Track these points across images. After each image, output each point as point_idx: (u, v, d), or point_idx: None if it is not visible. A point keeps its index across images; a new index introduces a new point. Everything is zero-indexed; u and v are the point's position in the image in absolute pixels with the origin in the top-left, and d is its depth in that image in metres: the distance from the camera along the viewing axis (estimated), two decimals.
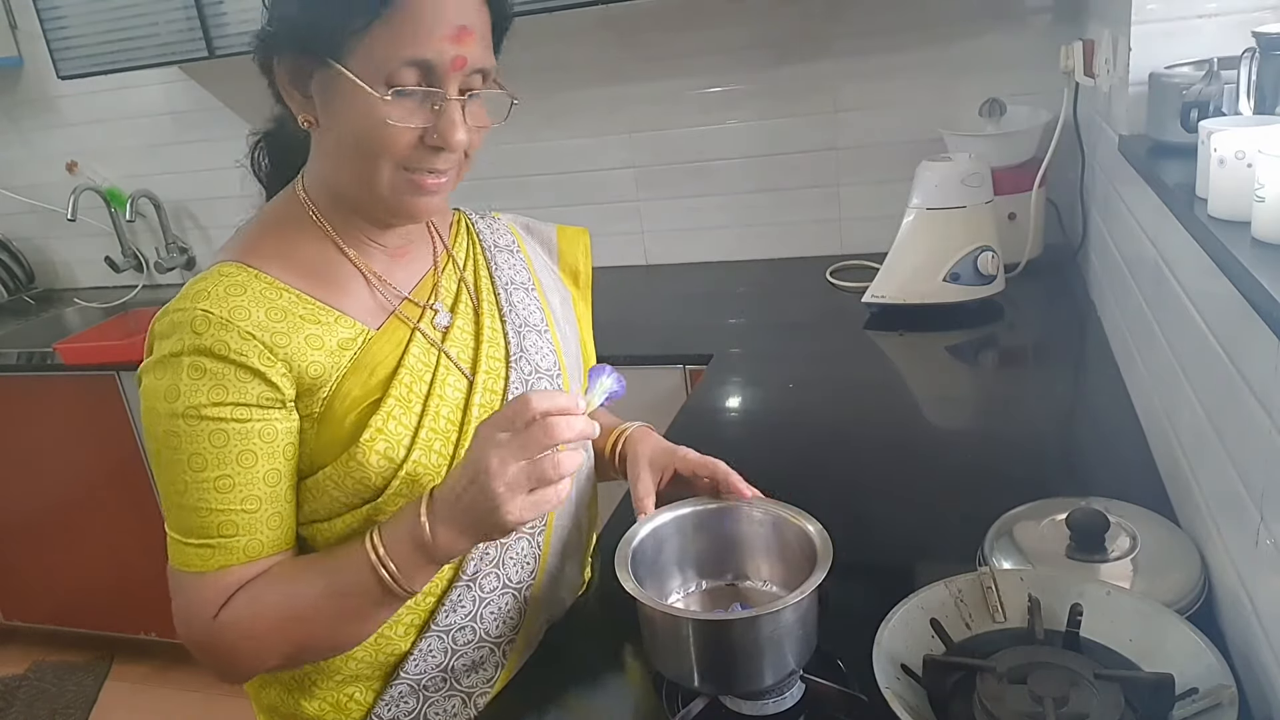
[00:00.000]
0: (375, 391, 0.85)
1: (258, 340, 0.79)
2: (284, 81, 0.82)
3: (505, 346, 0.95)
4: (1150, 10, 1.23)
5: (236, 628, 0.80)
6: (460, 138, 0.81)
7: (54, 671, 2.69)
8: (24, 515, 2.57)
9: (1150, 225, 1.24)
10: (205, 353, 0.78)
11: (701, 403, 1.63)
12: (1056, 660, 0.78)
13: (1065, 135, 1.79)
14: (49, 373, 2.36)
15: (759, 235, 2.36)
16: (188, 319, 0.79)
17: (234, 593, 0.80)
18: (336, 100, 0.80)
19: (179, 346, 0.78)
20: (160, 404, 0.78)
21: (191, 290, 0.81)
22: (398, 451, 0.85)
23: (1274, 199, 0.74)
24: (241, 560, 0.80)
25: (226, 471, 0.79)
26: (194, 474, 0.78)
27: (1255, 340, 0.77)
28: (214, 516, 0.79)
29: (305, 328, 0.83)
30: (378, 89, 0.77)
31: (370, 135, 0.79)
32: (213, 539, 0.79)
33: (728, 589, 0.99)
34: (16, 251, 3.00)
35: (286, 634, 0.81)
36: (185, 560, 0.80)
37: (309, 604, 0.81)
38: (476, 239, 1.03)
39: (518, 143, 2.44)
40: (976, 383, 1.68)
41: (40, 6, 2.33)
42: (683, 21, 2.20)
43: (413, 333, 0.89)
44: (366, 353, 0.86)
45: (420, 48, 0.77)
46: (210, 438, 0.78)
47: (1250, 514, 0.80)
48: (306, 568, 0.84)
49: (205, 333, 0.78)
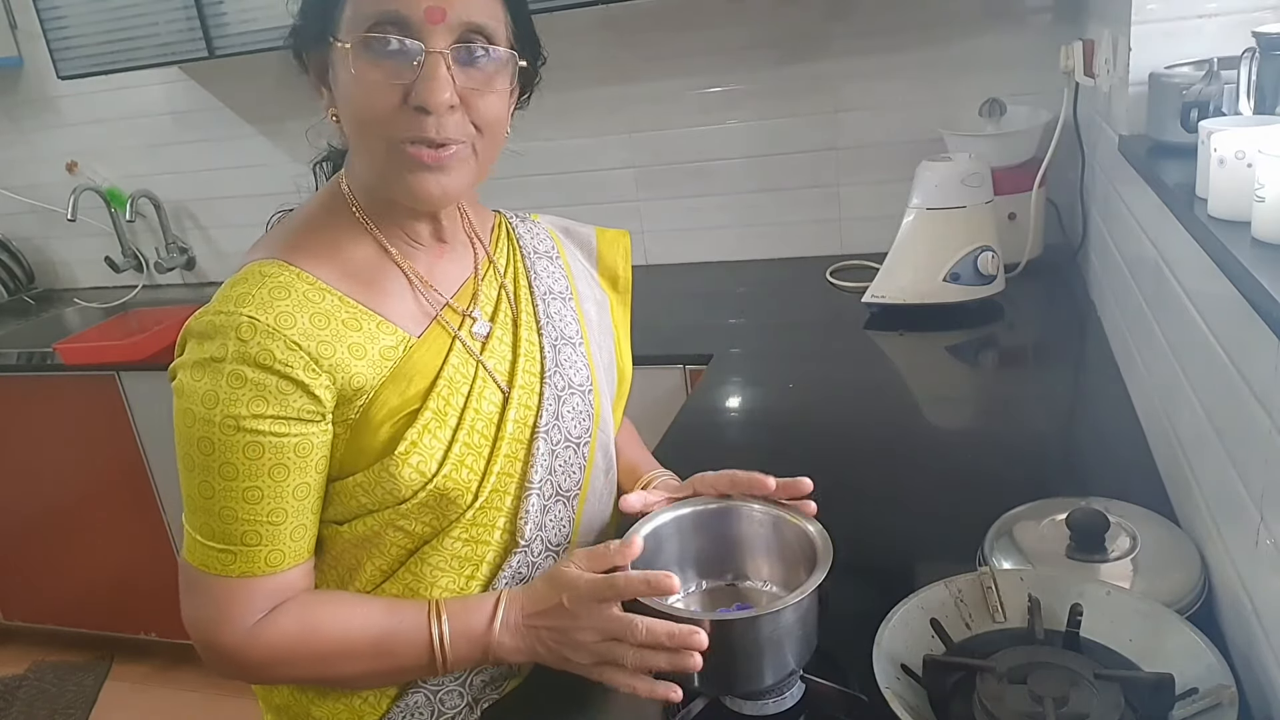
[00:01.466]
0: (413, 402, 0.84)
1: (303, 350, 0.77)
2: (312, 79, 0.82)
3: (541, 361, 0.94)
4: (1150, 10, 1.23)
5: (275, 643, 0.80)
6: (443, 96, 0.76)
7: (54, 671, 2.69)
8: (24, 515, 2.57)
9: (1150, 225, 1.24)
10: (249, 361, 0.76)
11: (701, 403, 1.63)
12: (1056, 660, 0.78)
13: (1065, 135, 1.79)
14: (49, 373, 2.36)
15: (759, 235, 2.36)
16: (232, 324, 0.76)
17: (277, 605, 0.80)
18: (339, 76, 0.79)
19: (222, 352, 0.76)
20: (197, 408, 0.76)
21: (234, 293, 0.79)
22: (430, 465, 0.84)
23: (1274, 199, 0.74)
24: (263, 570, 0.79)
25: (257, 484, 0.77)
26: (224, 481, 0.77)
27: (1255, 340, 0.77)
28: (239, 525, 0.78)
29: (348, 335, 0.81)
30: (358, 46, 0.76)
31: (354, 103, 0.78)
32: (235, 546, 0.78)
33: (728, 589, 0.99)
34: (16, 251, 3.00)
35: (319, 663, 0.82)
36: (204, 561, 0.79)
37: (354, 645, 0.82)
38: (517, 244, 1.01)
39: (518, 143, 2.43)
40: (976, 383, 1.68)
41: (40, 6, 2.33)
42: (683, 21, 2.20)
43: (453, 341, 0.88)
44: (408, 361, 0.84)
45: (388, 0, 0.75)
46: (245, 449, 0.77)
47: (1250, 514, 0.80)
48: (365, 608, 0.84)
49: (251, 340, 0.76)
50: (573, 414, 0.95)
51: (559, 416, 0.94)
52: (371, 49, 0.76)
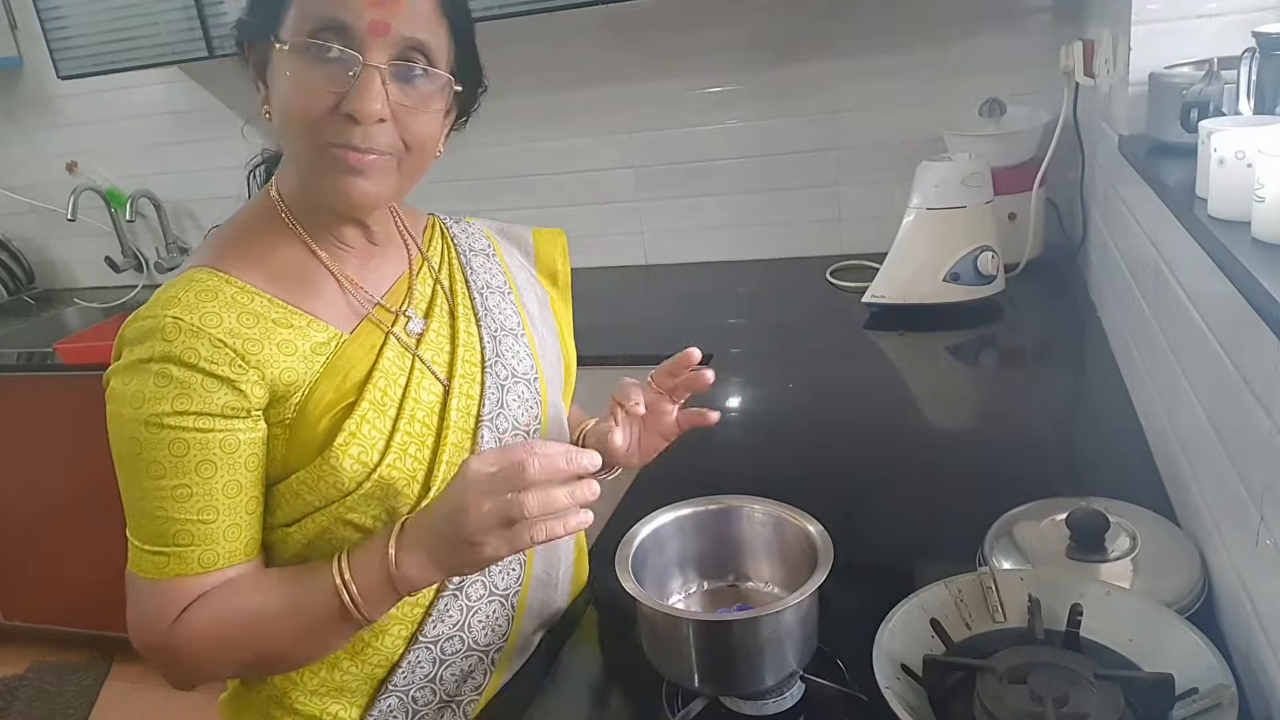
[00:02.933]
0: (349, 395, 0.84)
1: (229, 348, 0.78)
2: (251, 73, 0.83)
3: (481, 351, 0.94)
4: (1150, 10, 1.23)
5: (193, 635, 0.79)
6: (372, 108, 0.76)
7: (54, 671, 2.69)
8: (24, 515, 2.57)
9: (1150, 225, 1.24)
10: (174, 360, 0.76)
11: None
12: (1056, 660, 0.78)
13: (1065, 135, 1.79)
14: (49, 373, 2.36)
15: (759, 235, 2.36)
16: (158, 325, 0.77)
17: (192, 601, 0.79)
18: (275, 74, 0.79)
19: (148, 353, 0.77)
20: (125, 409, 0.77)
21: (162, 296, 0.80)
22: (371, 455, 0.84)
23: (1274, 199, 0.74)
24: (196, 571, 0.79)
25: (184, 481, 0.77)
26: (152, 481, 0.77)
27: (1255, 340, 0.77)
28: (170, 525, 0.78)
29: (278, 333, 0.81)
30: (298, 48, 0.77)
31: (287, 104, 0.78)
32: (168, 547, 0.78)
33: (728, 589, 0.99)
34: (16, 251, 3.00)
35: (244, 645, 0.80)
36: (141, 567, 0.79)
37: (269, 618, 0.79)
38: (451, 243, 1.01)
39: (518, 143, 2.44)
40: (976, 383, 1.68)
41: (40, 6, 2.33)
42: (683, 21, 2.20)
43: (386, 337, 0.88)
44: (340, 356, 0.84)
45: (331, 4, 0.76)
46: (170, 446, 0.77)
47: (1250, 514, 0.80)
48: (271, 581, 0.82)
49: (175, 340, 0.77)
50: (519, 402, 0.95)
51: (504, 405, 0.94)
52: (310, 53, 0.77)
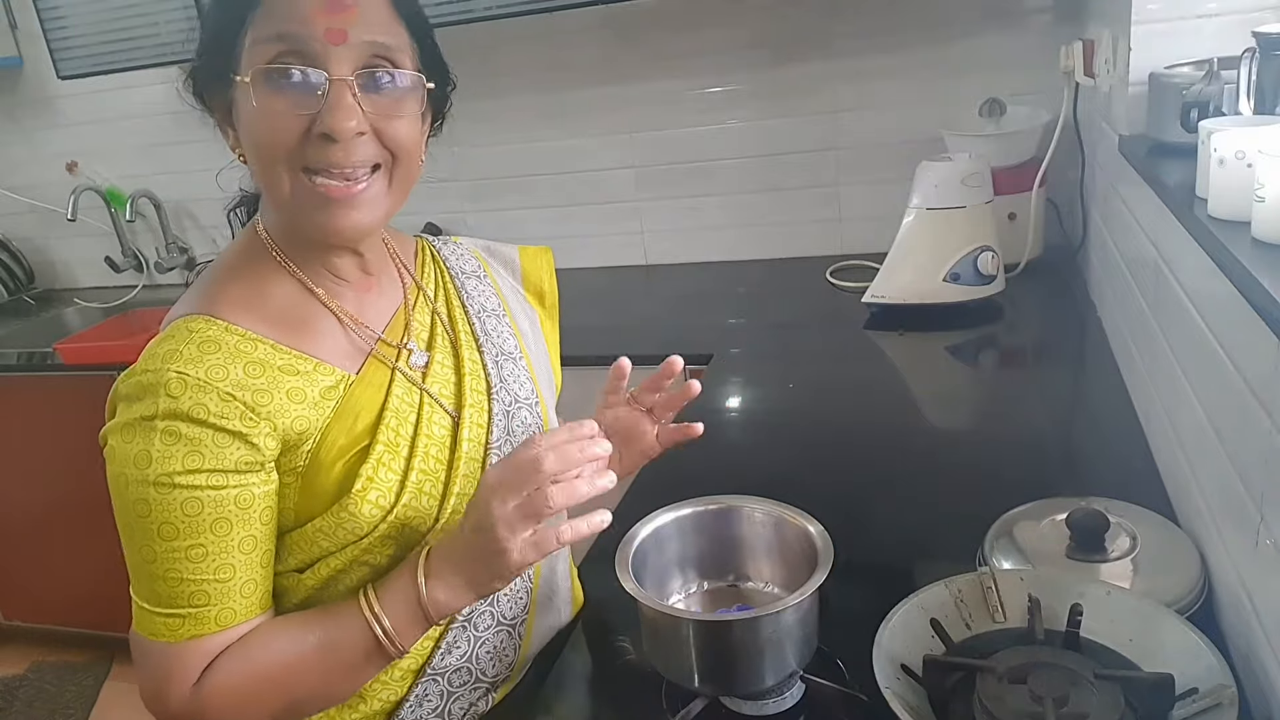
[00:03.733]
0: (362, 438, 0.82)
1: (239, 401, 0.75)
2: (217, 120, 0.80)
3: (486, 379, 0.93)
4: (1150, 10, 1.23)
5: (223, 693, 0.76)
6: (349, 124, 0.74)
7: (54, 671, 2.69)
8: (24, 515, 2.57)
9: (1150, 225, 1.24)
10: (182, 417, 0.73)
11: (701, 403, 1.63)
12: (1056, 660, 0.78)
13: (1065, 135, 1.79)
14: (49, 373, 2.36)
15: (759, 235, 2.36)
16: (160, 381, 0.74)
17: (215, 658, 0.77)
18: (241, 110, 0.76)
19: (151, 410, 0.74)
20: (130, 470, 0.74)
21: (160, 350, 0.76)
22: (388, 499, 0.82)
23: (1274, 199, 0.74)
24: (213, 630, 0.76)
25: (200, 540, 0.75)
26: (165, 543, 0.74)
27: (1255, 340, 0.77)
28: (185, 586, 0.75)
29: (285, 381, 0.79)
30: (260, 75, 0.73)
31: (257, 138, 0.75)
32: (183, 609, 0.75)
33: (729, 590, 0.99)
34: (16, 251, 3.00)
35: (276, 694, 0.78)
36: (153, 629, 0.76)
37: (298, 664, 0.78)
38: (443, 267, 0.99)
39: (518, 143, 2.44)
40: (976, 383, 1.68)
41: (40, 6, 2.33)
42: (683, 21, 2.20)
43: (393, 373, 0.86)
44: (349, 399, 0.82)
45: (283, 21, 0.73)
46: (183, 506, 0.74)
47: (1250, 514, 0.80)
48: (294, 627, 0.80)
49: (182, 396, 0.73)
50: (523, 428, 0.94)
51: (510, 432, 0.93)
52: (272, 80, 0.73)
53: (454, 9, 1.95)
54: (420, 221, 2.53)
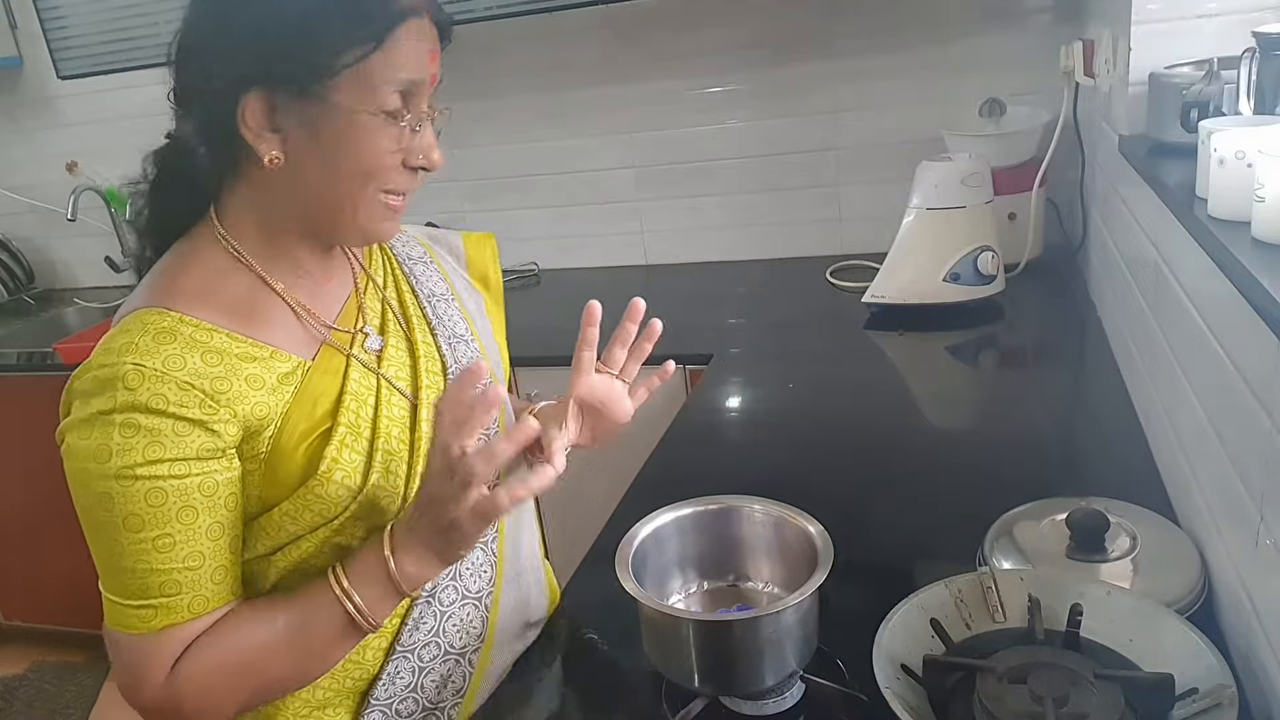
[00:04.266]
0: (323, 422, 0.83)
1: (197, 389, 0.75)
2: (253, 119, 0.76)
3: (441, 360, 0.94)
4: (1150, 10, 1.23)
5: (195, 680, 0.77)
6: (439, 156, 0.82)
7: (54, 671, 2.69)
8: (24, 515, 2.57)
9: (1150, 225, 1.24)
10: (140, 409, 0.73)
11: (701, 403, 1.63)
12: (1056, 660, 0.78)
13: (1065, 135, 1.79)
14: (49, 373, 2.36)
15: (759, 235, 2.36)
16: (117, 374, 0.73)
17: (187, 646, 0.77)
18: (325, 131, 0.77)
19: (109, 404, 0.73)
20: (89, 464, 0.74)
21: (115, 344, 0.75)
22: (354, 478, 0.83)
23: (1274, 199, 0.74)
24: (186, 618, 0.76)
25: (167, 530, 0.75)
26: (131, 535, 0.74)
27: (1255, 340, 0.77)
28: (155, 577, 0.75)
29: (244, 367, 0.79)
30: (376, 115, 0.77)
31: (363, 161, 0.78)
32: (154, 599, 0.75)
33: (729, 590, 0.99)
34: (16, 251, 3.00)
35: (247, 679, 0.79)
36: (125, 622, 0.76)
37: (271, 646, 0.79)
38: (391, 254, 1.01)
39: (518, 143, 2.44)
40: (976, 383, 1.68)
41: (40, 6, 2.33)
42: (683, 21, 2.20)
43: (348, 359, 0.87)
44: (307, 384, 0.83)
45: (411, 69, 0.77)
46: (147, 497, 0.74)
47: (1250, 514, 0.80)
48: (266, 608, 0.80)
49: (140, 388, 0.73)
50: None
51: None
52: (390, 119, 0.77)
53: (454, 9, 1.95)
54: (420, 221, 2.53)
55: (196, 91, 0.79)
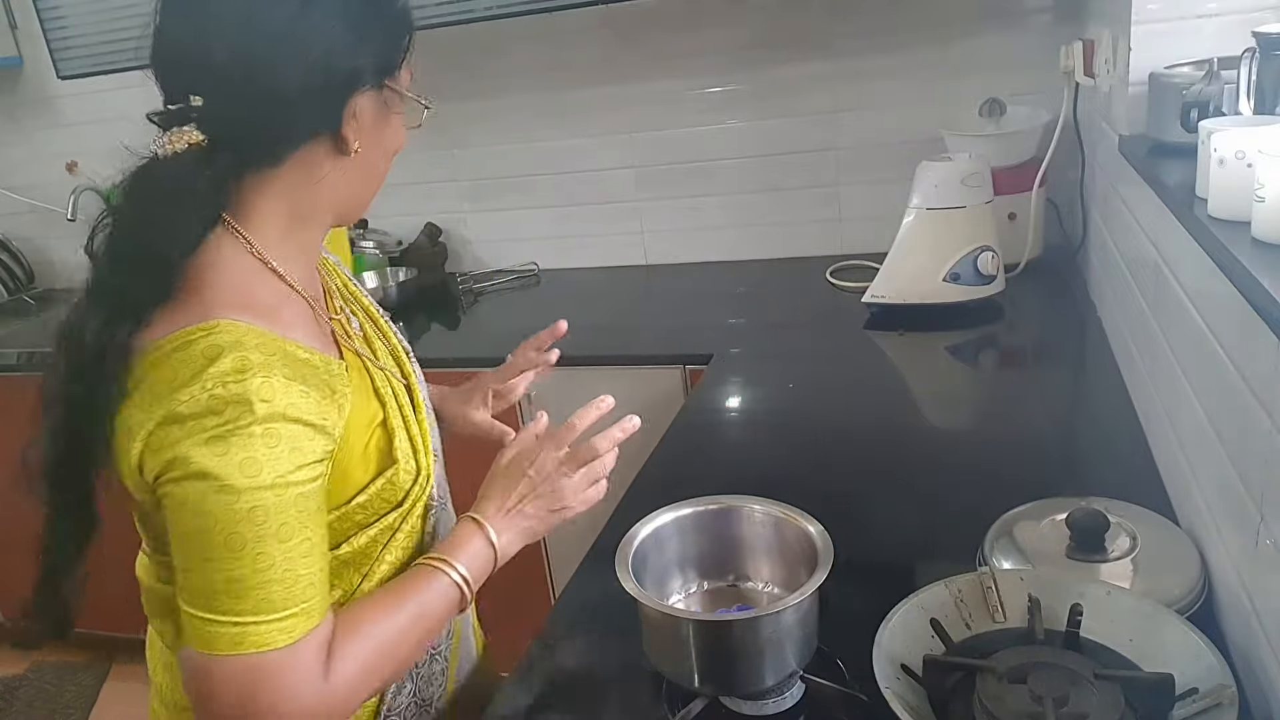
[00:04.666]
0: (377, 413, 0.87)
1: (312, 395, 0.76)
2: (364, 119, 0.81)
3: (396, 337, 1.00)
4: (1150, 10, 1.23)
5: (351, 680, 0.77)
6: None
7: (54, 671, 2.69)
8: (24, 515, 2.56)
9: (1150, 225, 1.24)
10: (278, 418, 0.72)
11: (701, 403, 1.63)
12: (1056, 660, 0.78)
13: (1065, 135, 1.79)
14: None
15: (759, 235, 2.36)
16: (248, 389, 0.71)
17: (331, 645, 0.76)
18: (393, 116, 0.85)
19: (244, 419, 0.71)
20: (238, 480, 0.70)
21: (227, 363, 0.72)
22: (413, 462, 0.88)
23: (1274, 199, 0.74)
24: (318, 620, 0.75)
25: (308, 535, 0.74)
26: (281, 545, 0.72)
27: (1255, 340, 0.77)
28: (300, 584, 0.73)
29: (313, 372, 0.79)
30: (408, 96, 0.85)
31: (400, 139, 0.87)
32: (296, 607, 0.73)
33: (729, 589, 0.99)
34: (16, 251, 3.00)
35: (388, 663, 0.81)
36: (268, 641, 0.72)
37: (403, 631, 0.82)
38: None
39: (518, 143, 2.44)
40: (976, 383, 1.68)
41: (40, 6, 2.33)
42: (683, 21, 2.20)
43: (358, 354, 0.90)
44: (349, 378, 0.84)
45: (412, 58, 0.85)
46: (296, 503, 0.73)
47: (1250, 514, 0.80)
48: (381, 603, 0.82)
49: (274, 398, 0.72)
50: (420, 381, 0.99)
51: (422, 382, 0.99)
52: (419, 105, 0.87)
53: (454, 9, 1.95)
54: (420, 222, 2.53)
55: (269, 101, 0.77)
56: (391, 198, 2.61)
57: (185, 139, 0.78)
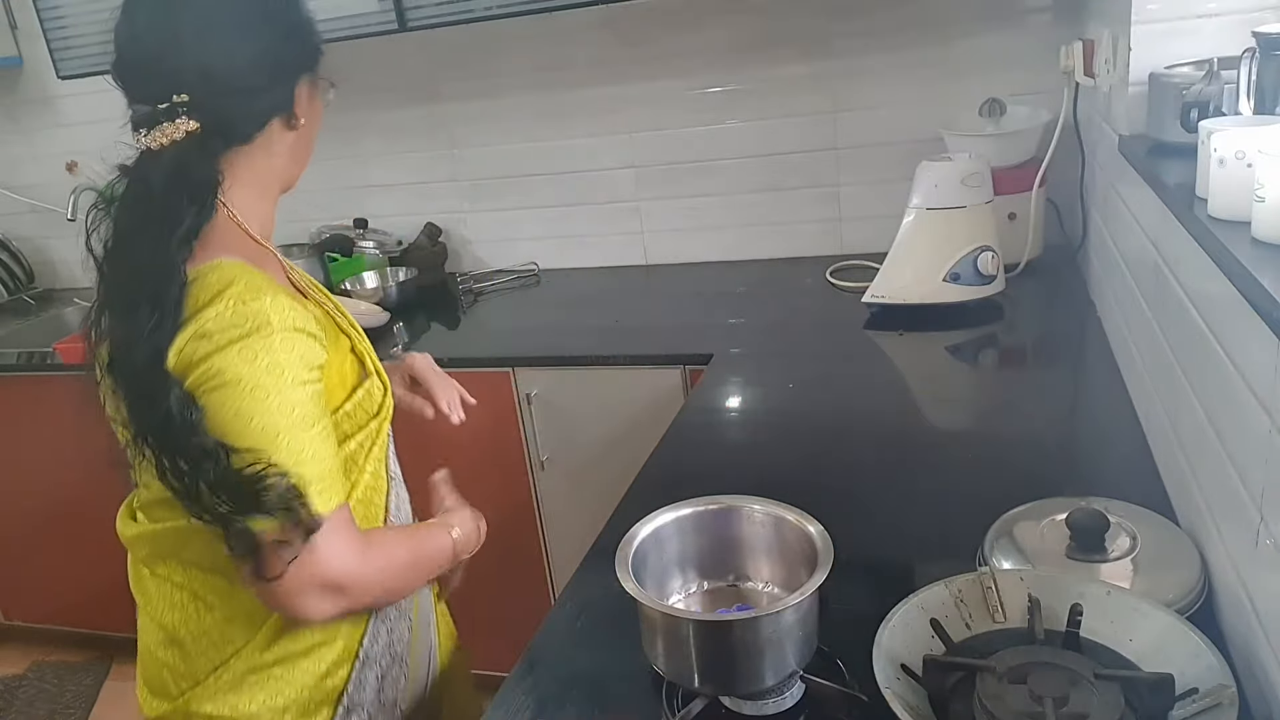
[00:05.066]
0: (345, 342, 1.02)
1: (308, 312, 0.91)
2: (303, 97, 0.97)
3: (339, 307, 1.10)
4: (1150, 10, 1.23)
5: (379, 568, 0.94)
6: None
7: (54, 671, 2.69)
8: (24, 515, 2.57)
9: (1150, 225, 1.24)
10: (290, 329, 0.87)
11: (701, 403, 1.63)
12: (1056, 660, 0.78)
13: (1065, 135, 1.79)
14: (49, 373, 2.36)
15: (759, 235, 2.36)
16: (263, 306, 0.86)
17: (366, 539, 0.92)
18: (319, 96, 1.00)
19: (264, 328, 0.85)
20: (267, 380, 0.85)
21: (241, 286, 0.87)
22: (378, 378, 1.04)
23: (1274, 199, 0.74)
24: (343, 498, 0.90)
25: (324, 424, 0.90)
26: (308, 431, 0.87)
27: (1255, 340, 0.77)
28: (326, 463, 0.88)
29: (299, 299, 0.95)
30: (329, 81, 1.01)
31: (322, 116, 1.02)
32: (326, 480, 0.88)
33: (729, 589, 0.99)
34: (16, 251, 3.00)
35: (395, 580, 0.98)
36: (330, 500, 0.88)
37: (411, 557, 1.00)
38: None
39: (518, 143, 2.44)
40: (976, 382, 1.68)
41: (40, 6, 2.33)
42: (682, 21, 2.20)
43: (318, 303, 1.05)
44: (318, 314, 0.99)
45: None
46: (313, 399, 0.89)
47: (1250, 514, 0.80)
48: (405, 533, 1.04)
49: (286, 312, 0.87)
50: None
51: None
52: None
53: (454, 9, 1.95)
54: (420, 221, 2.53)
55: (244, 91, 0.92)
56: (391, 197, 2.61)
57: (183, 129, 0.90)
